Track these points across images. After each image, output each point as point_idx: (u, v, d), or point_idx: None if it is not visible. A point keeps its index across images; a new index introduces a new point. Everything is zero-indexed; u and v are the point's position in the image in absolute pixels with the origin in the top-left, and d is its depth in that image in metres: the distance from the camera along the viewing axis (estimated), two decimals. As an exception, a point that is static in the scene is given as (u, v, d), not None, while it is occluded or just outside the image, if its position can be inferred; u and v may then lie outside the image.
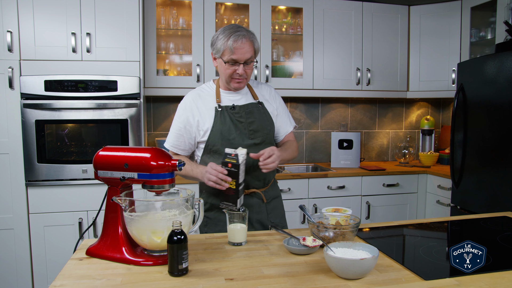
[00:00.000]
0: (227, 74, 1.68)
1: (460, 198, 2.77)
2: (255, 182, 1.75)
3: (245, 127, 1.72)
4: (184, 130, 1.73)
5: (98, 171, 1.30)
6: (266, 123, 1.76)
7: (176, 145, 1.75)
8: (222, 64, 1.68)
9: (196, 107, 1.73)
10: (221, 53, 1.65)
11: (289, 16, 3.35)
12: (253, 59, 1.69)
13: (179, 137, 1.74)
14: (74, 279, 1.12)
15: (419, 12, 3.41)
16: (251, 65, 1.69)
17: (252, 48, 1.66)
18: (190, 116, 1.72)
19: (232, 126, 1.70)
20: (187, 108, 1.73)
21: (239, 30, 1.65)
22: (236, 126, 1.71)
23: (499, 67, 2.43)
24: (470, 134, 2.67)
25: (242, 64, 1.65)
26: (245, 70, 1.67)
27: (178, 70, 3.22)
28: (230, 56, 1.63)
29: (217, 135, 1.69)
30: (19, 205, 2.58)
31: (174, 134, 1.75)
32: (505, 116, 2.39)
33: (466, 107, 2.70)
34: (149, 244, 1.23)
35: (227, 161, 1.55)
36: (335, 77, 3.31)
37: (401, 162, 3.55)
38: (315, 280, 1.10)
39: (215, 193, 1.73)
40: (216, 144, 1.70)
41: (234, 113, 1.72)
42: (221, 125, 1.69)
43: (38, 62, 2.56)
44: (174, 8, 3.14)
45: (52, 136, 2.61)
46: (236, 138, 1.70)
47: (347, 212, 1.51)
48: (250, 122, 1.73)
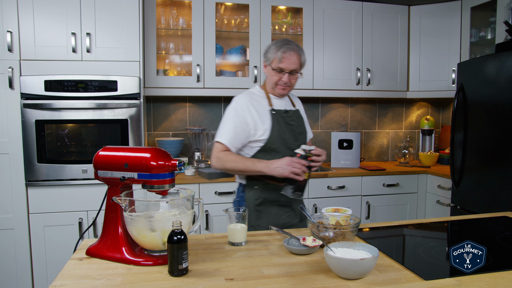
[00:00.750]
0: (273, 80, 1.86)
1: (460, 198, 2.77)
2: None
3: (294, 129, 1.92)
4: (241, 129, 1.83)
5: (98, 171, 1.30)
6: (304, 127, 1.99)
7: (232, 142, 1.83)
8: (270, 71, 1.87)
9: (254, 109, 1.85)
10: (271, 61, 1.85)
11: (289, 16, 3.35)
12: (298, 70, 1.86)
13: (237, 135, 1.83)
14: (74, 279, 1.12)
15: (419, 12, 3.41)
16: (296, 76, 1.87)
17: (298, 61, 1.84)
18: (248, 116, 1.83)
19: (285, 128, 1.88)
20: (244, 109, 1.84)
21: (289, 43, 1.85)
22: (288, 128, 1.89)
23: (499, 67, 2.43)
24: (470, 134, 2.67)
25: (287, 73, 1.83)
26: (290, 79, 1.85)
27: (178, 70, 3.22)
28: (278, 64, 1.82)
29: (276, 135, 1.85)
30: (19, 205, 2.58)
31: (232, 131, 1.83)
32: (505, 116, 2.39)
33: (466, 107, 2.70)
34: (149, 244, 1.23)
35: (307, 155, 1.70)
36: (335, 77, 3.31)
37: (401, 162, 3.55)
38: (315, 280, 1.10)
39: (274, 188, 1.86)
40: (276, 142, 1.85)
41: (286, 117, 1.90)
42: (278, 126, 1.86)
43: (38, 62, 2.56)
44: (174, 8, 3.14)
45: (52, 136, 2.61)
46: (290, 139, 1.88)
47: (347, 212, 1.51)
48: (297, 125, 1.94)
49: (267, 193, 1.87)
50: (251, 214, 1.86)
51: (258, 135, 1.84)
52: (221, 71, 3.23)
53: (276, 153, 1.85)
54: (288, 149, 1.86)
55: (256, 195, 1.88)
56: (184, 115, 3.38)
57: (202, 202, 1.36)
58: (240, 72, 3.27)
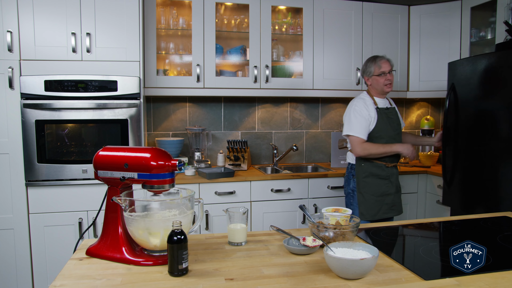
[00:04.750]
0: (380, 83, 2.51)
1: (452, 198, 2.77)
2: (397, 159, 2.57)
3: (393, 121, 2.55)
4: (367, 122, 2.47)
5: (98, 171, 1.30)
6: (399, 120, 2.62)
7: (364, 133, 2.47)
8: (375, 78, 2.53)
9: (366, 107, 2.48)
10: (373, 71, 2.53)
11: (289, 16, 3.35)
12: (393, 70, 2.55)
13: (365, 128, 2.47)
14: (74, 279, 1.12)
15: (419, 12, 3.41)
16: (393, 74, 2.54)
17: (390, 64, 2.54)
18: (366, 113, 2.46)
19: (387, 120, 2.51)
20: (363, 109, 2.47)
21: (379, 55, 2.58)
22: (389, 120, 2.52)
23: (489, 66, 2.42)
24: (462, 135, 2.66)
25: (389, 73, 2.50)
26: (391, 77, 2.52)
27: (178, 70, 3.22)
28: (379, 70, 2.50)
29: (381, 125, 2.48)
30: (19, 205, 2.58)
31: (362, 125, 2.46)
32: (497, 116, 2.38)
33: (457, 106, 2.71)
34: (149, 244, 1.23)
35: None
36: (335, 77, 3.31)
37: (401, 162, 3.55)
38: (315, 280, 1.10)
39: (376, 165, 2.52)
40: (382, 131, 2.49)
41: (388, 112, 2.54)
42: (381, 119, 2.49)
43: (38, 62, 2.56)
44: (174, 8, 3.14)
45: (52, 136, 2.61)
46: (389, 129, 2.51)
47: (347, 212, 1.51)
48: (395, 118, 2.57)
49: (372, 169, 2.50)
50: (360, 184, 2.51)
51: (371, 126, 2.47)
52: (221, 71, 3.23)
53: (381, 139, 2.49)
54: (389, 136, 2.50)
55: (364, 170, 2.51)
56: (184, 115, 3.38)
57: (202, 202, 1.36)
58: (240, 72, 3.27)
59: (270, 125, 3.56)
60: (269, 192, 2.92)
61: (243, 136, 3.51)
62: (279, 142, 3.59)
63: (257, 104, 3.51)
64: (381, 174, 2.50)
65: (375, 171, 2.51)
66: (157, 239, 1.22)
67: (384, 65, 2.50)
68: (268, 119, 3.55)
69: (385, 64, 2.51)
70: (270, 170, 3.38)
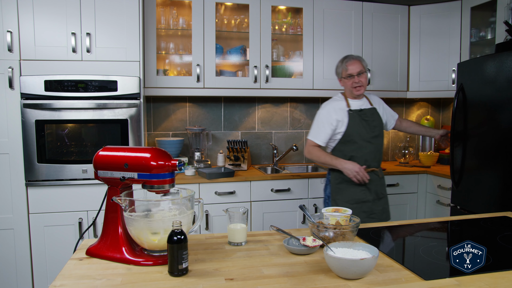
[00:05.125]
0: (348, 85, 2.37)
1: (460, 198, 2.77)
2: (374, 163, 2.40)
3: (369, 123, 2.37)
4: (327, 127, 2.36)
5: (98, 171, 1.30)
6: (380, 121, 2.43)
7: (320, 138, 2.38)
8: (343, 81, 2.40)
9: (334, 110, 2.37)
10: (341, 74, 2.40)
11: (289, 16, 3.35)
12: (363, 71, 2.35)
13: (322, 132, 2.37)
14: (74, 279, 1.12)
15: (419, 12, 3.41)
16: (364, 75, 2.35)
17: (360, 65, 2.35)
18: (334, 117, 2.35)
19: (360, 123, 2.35)
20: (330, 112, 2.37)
21: (348, 55, 2.41)
22: (363, 122, 2.35)
23: (499, 67, 2.43)
24: (470, 134, 2.67)
25: (356, 76, 2.33)
26: (360, 79, 2.34)
27: (178, 70, 3.22)
28: (346, 72, 2.35)
29: (351, 129, 2.34)
30: (19, 205, 2.58)
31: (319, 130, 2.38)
32: (505, 116, 2.38)
33: (466, 107, 2.70)
34: (149, 244, 1.23)
35: None
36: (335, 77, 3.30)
37: (401, 162, 3.55)
38: (315, 280, 1.10)
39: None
40: (352, 135, 2.34)
41: (362, 114, 2.37)
42: (353, 122, 2.34)
43: (38, 62, 2.56)
44: (174, 8, 3.14)
45: (52, 136, 2.61)
46: (364, 132, 2.34)
47: (347, 212, 1.51)
48: (372, 120, 2.38)
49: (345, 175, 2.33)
50: (333, 190, 2.41)
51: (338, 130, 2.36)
52: (221, 71, 3.23)
53: (351, 144, 2.35)
54: (363, 140, 2.34)
55: (337, 176, 2.39)
56: (184, 115, 3.38)
57: (202, 202, 1.36)
58: (240, 72, 3.27)
59: (270, 125, 3.56)
60: (269, 192, 2.92)
61: (243, 136, 3.51)
62: (279, 142, 3.59)
63: (257, 104, 3.51)
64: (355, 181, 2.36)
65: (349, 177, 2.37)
66: (157, 239, 1.22)
67: (352, 67, 2.34)
68: (268, 119, 3.55)
69: (352, 66, 2.34)
70: (270, 170, 3.38)
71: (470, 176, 2.68)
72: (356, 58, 2.36)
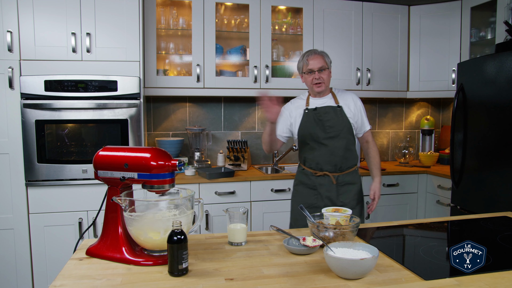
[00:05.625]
0: (308, 81, 2.20)
1: (460, 198, 2.77)
2: (328, 167, 2.19)
3: (326, 122, 2.18)
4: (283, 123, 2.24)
5: (98, 171, 1.30)
6: (341, 122, 2.18)
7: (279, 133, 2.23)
8: (304, 76, 2.21)
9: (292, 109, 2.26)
10: (301, 69, 2.22)
11: (289, 16, 3.35)
12: (325, 67, 2.17)
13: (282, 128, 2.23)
14: (74, 279, 1.12)
15: (419, 12, 3.41)
16: (325, 72, 2.18)
17: (323, 60, 2.18)
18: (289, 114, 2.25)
19: (315, 123, 2.18)
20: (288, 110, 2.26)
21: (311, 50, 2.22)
22: (318, 122, 2.18)
23: (499, 67, 2.43)
24: (470, 134, 2.67)
25: (316, 71, 2.16)
26: (321, 75, 2.16)
27: (178, 70, 3.22)
28: (307, 67, 2.18)
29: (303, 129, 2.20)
30: (19, 205, 2.58)
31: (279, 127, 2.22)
32: (505, 116, 2.39)
33: (466, 107, 2.70)
34: (149, 244, 1.23)
35: None
36: (335, 77, 3.31)
37: (401, 162, 3.55)
38: (315, 280, 1.10)
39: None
40: (304, 136, 2.20)
41: (317, 113, 2.19)
42: (307, 122, 2.19)
43: (38, 62, 2.56)
44: (174, 8, 3.14)
45: (52, 136, 2.61)
46: (317, 132, 2.17)
47: (347, 212, 1.51)
48: (326, 120, 2.18)
49: (301, 176, 2.27)
50: (292, 191, 2.32)
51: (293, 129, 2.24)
52: (221, 71, 3.23)
53: (306, 145, 2.22)
54: (315, 141, 2.18)
55: (296, 176, 2.32)
56: (184, 115, 3.38)
57: (202, 202, 1.36)
58: (240, 72, 3.27)
59: (270, 125, 3.56)
60: (269, 192, 2.92)
61: (243, 136, 3.51)
62: (279, 142, 3.58)
63: (257, 104, 3.51)
64: (308, 183, 2.23)
65: (303, 178, 2.25)
66: (156, 239, 1.22)
67: (313, 62, 2.16)
68: (268, 119, 3.55)
69: (314, 60, 2.16)
70: (270, 170, 3.38)
71: (470, 176, 2.68)
72: (319, 53, 2.19)
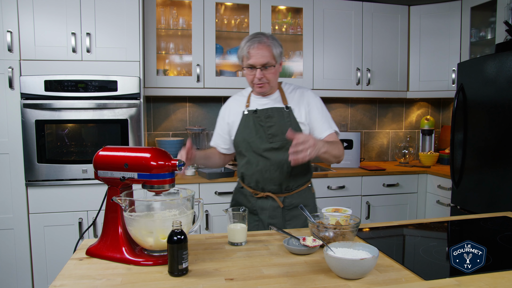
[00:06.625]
0: (248, 80, 1.68)
1: (460, 198, 2.77)
2: (271, 186, 1.73)
3: (267, 129, 1.70)
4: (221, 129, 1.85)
5: (98, 171, 1.30)
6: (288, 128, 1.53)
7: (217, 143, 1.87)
8: (244, 71, 1.69)
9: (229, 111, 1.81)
10: (242, 60, 1.67)
11: (289, 16, 3.35)
12: (272, 63, 1.64)
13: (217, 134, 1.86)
14: (74, 279, 1.12)
15: (419, 12, 3.41)
16: (271, 70, 1.65)
17: (269, 53, 1.62)
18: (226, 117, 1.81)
19: (254, 129, 1.71)
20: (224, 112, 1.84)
21: (257, 36, 1.63)
22: (258, 129, 1.71)
23: (499, 67, 2.43)
24: (470, 134, 2.67)
25: (259, 69, 1.62)
26: (265, 74, 1.64)
27: (178, 70, 3.22)
28: (247, 61, 1.63)
29: (239, 136, 1.75)
30: (19, 205, 2.58)
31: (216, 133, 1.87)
32: (505, 116, 2.39)
33: (466, 107, 2.70)
34: (149, 244, 1.23)
35: None
36: (335, 77, 3.31)
37: (401, 162, 3.55)
38: (315, 280, 1.10)
39: None
40: (239, 146, 1.76)
41: (257, 117, 1.72)
42: (244, 127, 1.73)
43: (38, 62, 2.56)
44: (174, 8, 3.14)
45: (52, 136, 2.61)
46: (256, 141, 1.71)
47: (347, 212, 1.51)
48: (268, 126, 1.70)
49: (238, 196, 1.85)
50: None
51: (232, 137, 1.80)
52: (221, 71, 3.23)
53: (242, 157, 1.77)
54: (254, 153, 1.70)
55: (233, 197, 1.91)
56: (184, 115, 3.38)
57: (202, 202, 1.36)
58: (240, 72, 3.27)
59: (270, 125, 3.56)
60: (269, 192, 2.92)
61: (243, 136, 3.50)
62: (279, 142, 3.58)
63: (257, 104, 3.51)
64: (247, 205, 1.76)
65: (241, 199, 1.81)
66: (157, 239, 1.22)
67: (255, 55, 1.60)
68: (268, 119, 3.55)
69: (257, 53, 1.59)
70: (270, 170, 3.37)
71: (470, 176, 2.68)
72: (265, 43, 1.61)
